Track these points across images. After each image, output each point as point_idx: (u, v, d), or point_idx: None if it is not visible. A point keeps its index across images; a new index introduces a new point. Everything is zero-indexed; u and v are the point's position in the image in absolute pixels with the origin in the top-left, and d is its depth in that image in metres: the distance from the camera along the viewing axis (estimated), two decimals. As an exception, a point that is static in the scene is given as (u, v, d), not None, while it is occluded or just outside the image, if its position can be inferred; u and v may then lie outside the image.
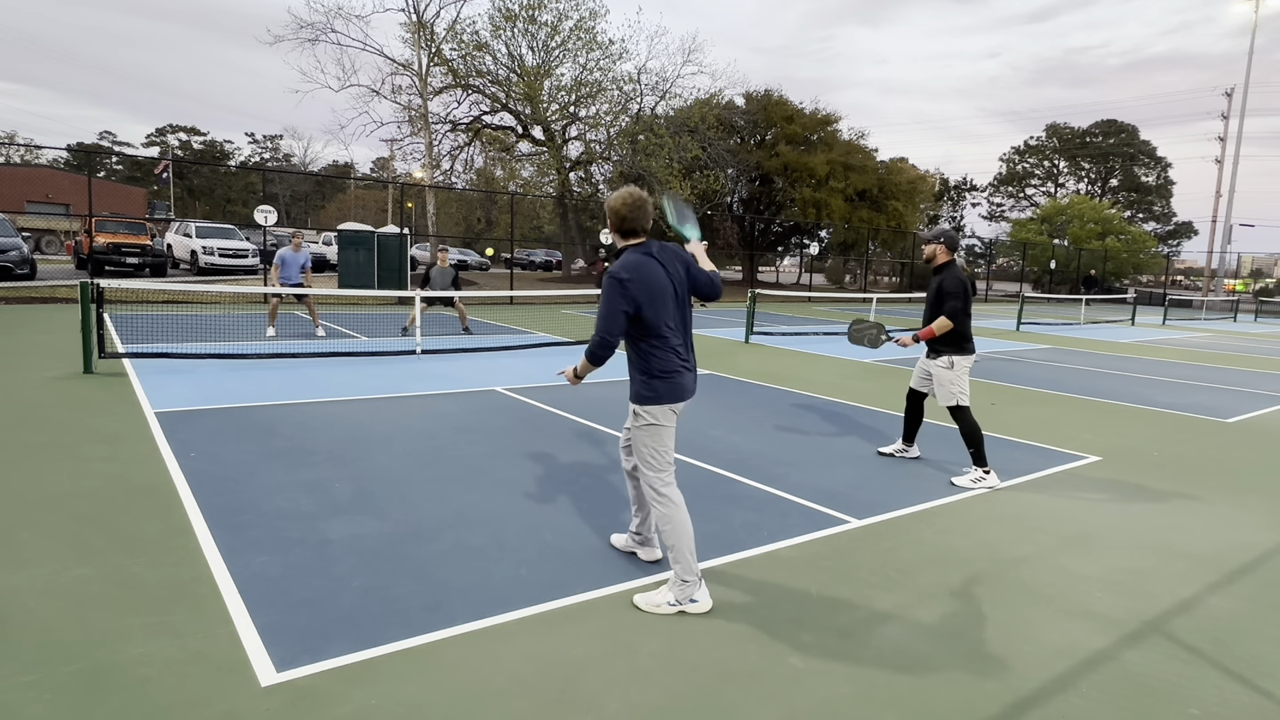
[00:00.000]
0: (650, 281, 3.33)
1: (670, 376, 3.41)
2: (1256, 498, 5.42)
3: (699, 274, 3.56)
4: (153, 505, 4.25)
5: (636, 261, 3.33)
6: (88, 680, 2.59)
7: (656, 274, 3.36)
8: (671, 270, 3.43)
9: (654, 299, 3.34)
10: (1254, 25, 39.15)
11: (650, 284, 3.33)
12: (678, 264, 3.48)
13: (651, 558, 3.79)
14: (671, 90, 30.48)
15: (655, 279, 3.35)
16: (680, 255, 3.52)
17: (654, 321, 3.35)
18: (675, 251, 3.52)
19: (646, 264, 3.35)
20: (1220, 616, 3.50)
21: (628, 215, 3.37)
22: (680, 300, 3.47)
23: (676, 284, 3.45)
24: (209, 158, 72.97)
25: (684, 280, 3.49)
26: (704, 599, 3.36)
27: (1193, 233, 60.65)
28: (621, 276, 3.27)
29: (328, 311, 16.01)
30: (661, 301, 3.37)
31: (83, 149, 60.20)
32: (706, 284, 3.57)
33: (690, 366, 3.50)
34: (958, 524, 4.56)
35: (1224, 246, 41.23)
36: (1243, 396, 10.06)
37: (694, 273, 3.55)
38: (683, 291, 3.48)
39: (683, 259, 3.52)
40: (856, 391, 9.08)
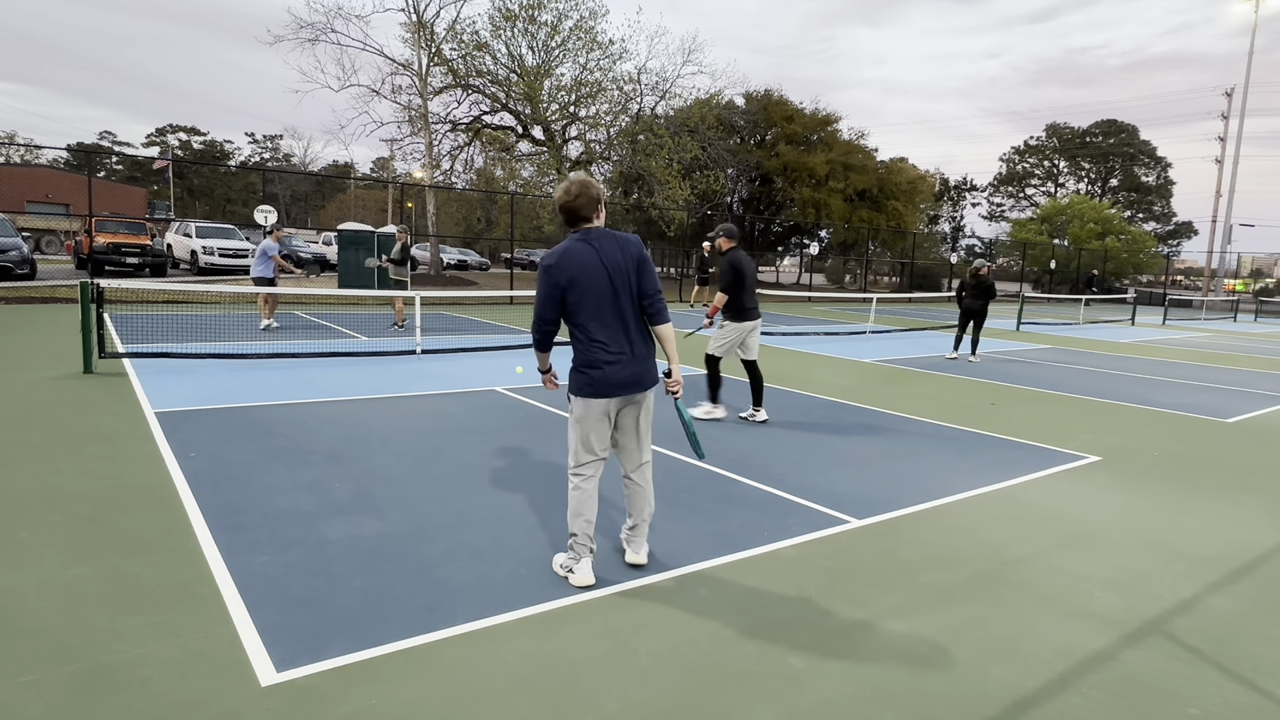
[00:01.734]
0: (576, 268, 3.25)
1: (590, 370, 3.33)
2: (1256, 498, 5.42)
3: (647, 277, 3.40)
4: (153, 505, 4.25)
5: (565, 247, 3.29)
6: (88, 680, 2.59)
7: (587, 260, 3.27)
8: (608, 258, 3.30)
9: (578, 286, 3.26)
10: (1254, 25, 39.17)
11: (576, 270, 3.25)
12: (620, 253, 3.33)
13: (634, 560, 3.70)
14: (671, 90, 30.46)
15: (584, 265, 3.26)
16: (628, 246, 3.38)
17: (576, 309, 3.29)
18: (622, 241, 3.37)
19: (577, 250, 3.28)
20: (1220, 616, 3.50)
21: (567, 204, 3.31)
22: (617, 290, 3.31)
23: (613, 272, 3.30)
24: (209, 158, 72.97)
25: (625, 270, 3.33)
26: (582, 572, 3.41)
27: (1193, 233, 60.66)
28: (545, 262, 3.28)
29: (328, 311, 16.01)
30: (588, 289, 3.27)
31: (83, 149, 60.20)
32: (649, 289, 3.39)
33: (623, 360, 3.34)
34: (958, 524, 4.56)
35: (1224, 246, 41.24)
36: (1243, 396, 10.06)
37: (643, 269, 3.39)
38: (621, 282, 3.32)
39: (631, 251, 3.37)
40: (856, 391, 9.07)
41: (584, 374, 3.35)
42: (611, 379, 3.33)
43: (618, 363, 3.34)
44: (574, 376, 3.40)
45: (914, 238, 41.25)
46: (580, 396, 3.38)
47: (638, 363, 3.39)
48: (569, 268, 3.26)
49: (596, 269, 3.28)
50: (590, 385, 3.34)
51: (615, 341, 3.33)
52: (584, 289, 3.27)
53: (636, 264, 3.37)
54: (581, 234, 3.32)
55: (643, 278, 3.39)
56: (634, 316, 3.39)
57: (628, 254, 3.35)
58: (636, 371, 3.38)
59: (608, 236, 3.35)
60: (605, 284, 3.29)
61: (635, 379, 3.38)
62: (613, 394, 3.35)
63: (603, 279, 3.29)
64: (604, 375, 3.32)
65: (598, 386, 3.33)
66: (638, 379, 3.40)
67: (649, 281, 3.41)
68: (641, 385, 3.42)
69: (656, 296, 3.41)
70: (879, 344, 14.62)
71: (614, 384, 3.34)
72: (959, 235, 60.63)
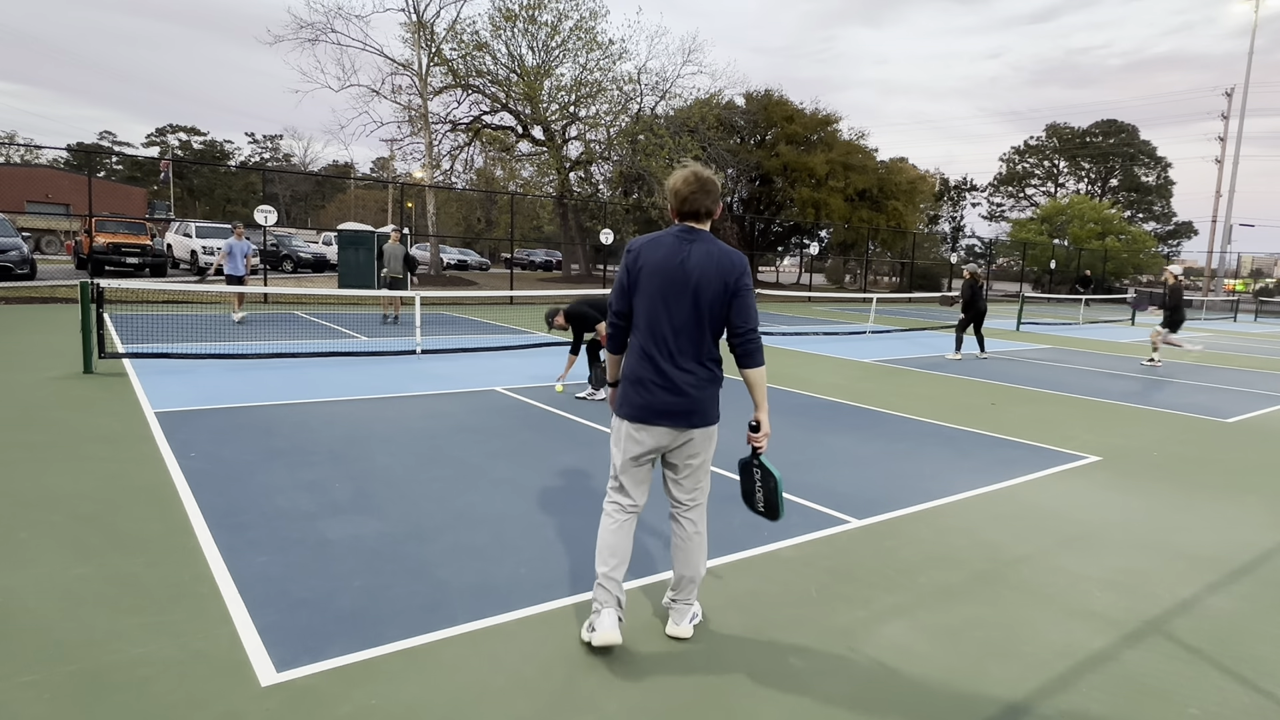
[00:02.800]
0: (655, 259, 2.86)
1: (632, 385, 2.91)
2: (1256, 498, 5.42)
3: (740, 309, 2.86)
4: (153, 505, 4.25)
5: (657, 236, 2.92)
6: (88, 680, 2.59)
7: (671, 256, 2.85)
8: (695, 264, 2.83)
9: (648, 280, 2.87)
10: (1254, 26, 39.18)
11: (654, 261, 2.86)
12: (714, 268, 2.83)
13: (674, 633, 3.10)
14: (671, 90, 30.50)
15: (664, 260, 2.85)
16: (727, 264, 2.85)
17: (638, 309, 2.91)
18: (722, 256, 2.86)
19: (667, 242, 2.88)
20: (1220, 616, 3.50)
21: (688, 196, 2.89)
22: (690, 302, 2.84)
23: (695, 284, 2.83)
24: (209, 158, 72.96)
25: (712, 289, 2.83)
26: (602, 628, 2.87)
27: (1193, 233, 60.69)
28: (630, 244, 2.95)
29: (328, 311, 16.01)
30: (658, 289, 2.86)
31: (83, 149, 60.20)
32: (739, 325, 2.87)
33: (669, 386, 2.86)
34: (958, 524, 4.56)
35: (1224, 246, 41.25)
36: (1243, 396, 10.06)
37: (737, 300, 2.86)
38: (702, 299, 2.83)
39: (730, 272, 2.84)
40: (856, 391, 9.07)
41: (628, 387, 2.94)
42: (650, 403, 2.89)
43: (662, 386, 2.88)
44: (621, 388, 2.99)
45: (914, 238, 41.25)
46: (617, 415, 3.00)
47: (686, 395, 2.89)
48: (648, 255, 2.88)
49: (676, 271, 2.84)
50: (625, 403, 2.94)
51: (666, 362, 2.87)
52: (653, 286, 2.87)
53: (732, 289, 2.85)
54: (682, 229, 2.91)
55: (735, 307, 2.87)
56: (702, 344, 2.89)
57: (723, 272, 2.84)
58: (683, 404, 2.89)
59: (709, 243, 2.89)
60: (679, 292, 2.84)
61: (682, 410, 2.89)
62: (648, 420, 2.90)
63: (678, 285, 2.84)
64: (641, 396, 2.89)
65: (632, 407, 2.91)
66: (684, 411, 2.89)
67: (743, 315, 2.87)
68: (688, 420, 2.91)
69: (750, 336, 2.88)
70: (879, 344, 14.62)
71: (651, 410, 2.89)
72: (959, 235, 60.64)
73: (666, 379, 2.87)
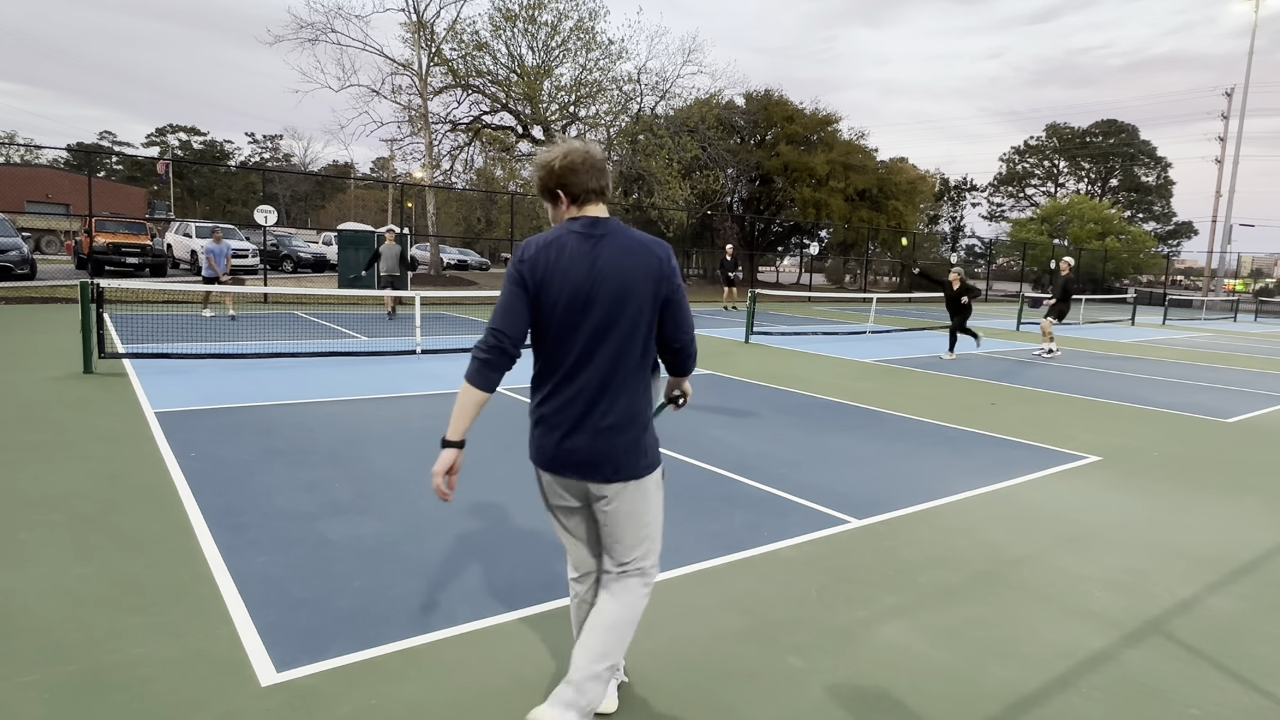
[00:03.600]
0: (554, 269, 2.17)
1: (538, 427, 2.28)
2: (1256, 498, 5.42)
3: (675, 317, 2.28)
4: (153, 505, 4.25)
5: (550, 237, 2.22)
6: (88, 680, 2.59)
7: (574, 263, 2.17)
8: (609, 266, 2.17)
9: (549, 296, 2.18)
10: (1254, 26, 39.17)
11: (552, 271, 2.17)
12: (635, 265, 2.19)
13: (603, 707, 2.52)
14: (671, 90, 30.49)
15: (566, 270, 2.17)
16: (649, 256, 2.21)
17: (543, 333, 2.23)
18: (640, 247, 2.21)
19: (568, 243, 2.19)
20: (1220, 616, 3.50)
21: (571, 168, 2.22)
22: (608, 317, 2.17)
23: (615, 287, 2.16)
24: (209, 158, 72.97)
25: (636, 292, 2.18)
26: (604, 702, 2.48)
27: (1193, 233, 60.66)
28: (520, 254, 2.23)
29: (328, 311, 16.01)
30: (563, 307, 2.17)
31: (83, 149, 60.21)
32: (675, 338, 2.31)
33: (581, 427, 2.20)
34: (958, 524, 4.56)
35: (1224, 246, 41.25)
36: (1243, 396, 10.06)
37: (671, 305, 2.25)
38: (623, 307, 2.17)
39: (653, 266, 2.21)
40: (856, 391, 9.07)
41: (533, 430, 2.31)
42: (563, 451, 2.23)
43: (575, 429, 2.21)
44: (531, 431, 2.35)
45: (914, 238, 41.25)
46: (533, 461, 2.34)
47: (608, 436, 2.21)
48: (544, 265, 2.18)
49: (586, 279, 2.16)
50: (537, 450, 2.29)
51: (580, 396, 2.21)
52: (556, 304, 2.18)
53: (664, 292, 2.23)
54: (583, 222, 2.22)
55: (669, 315, 2.27)
56: (627, 367, 2.21)
57: (651, 271, 2.20)
58: (604, 450, 2.22)
59: (621, 235, 2.21)
60: (591, 305, 2.17)
61: (600, 458, 2.22)
62: (559, 471, 2.27)
63: (590, 296, 2.16)
64: (554, 441, 2.24)
65: (544, 454, 2.27)
66: (606, 460, 2.22)
67: (678, 325, 2.29)
68: (613, 470, 2.23)
69: (688, 351, 2.35)
70: (879, 344, 14.62)
71: (565, 460, 2.24)
72: (959, 235, 60.63)
73: (579, 418, 2.21)
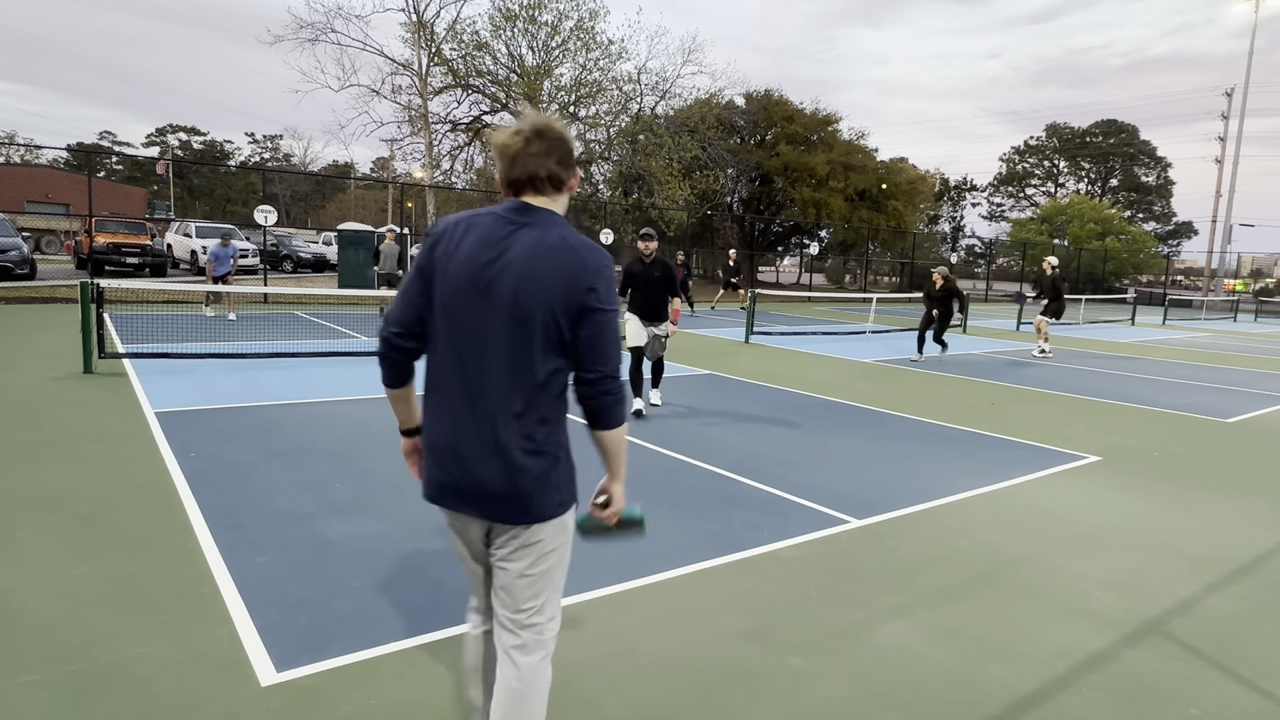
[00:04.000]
0: (462, 252, 1.82)
1: (428, 450, 1.93)
2: (1256, 498, 5.42)
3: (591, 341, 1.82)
4: (153, 505, 4.25)
5: (474, 216, 1.87)
6: (88, 680, 2.59)
7: (480, 248, 1.81)
8: (517, 260, 1.78)
9: (448, 284, 1.83)
10: (1254, 26, 39.18)
11: (459, 256, 1.82)
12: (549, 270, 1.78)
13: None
14: (671, 90, 30.49)
15: (472, 252, 1.81)
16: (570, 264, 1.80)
17: (435, 330, 1.87)
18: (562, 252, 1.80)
19: (483, 224, 1.84)
20: (1220, 616, 3.50)
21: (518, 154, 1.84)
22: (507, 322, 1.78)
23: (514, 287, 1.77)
24: (209, 158, 72.96)
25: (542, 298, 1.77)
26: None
27: (1193, 233, 60.65)
28: (434, 226, 1.94)
29: (328, 311, 16.01)
30: (457, 297, 1.82)
31: (83, 149, 60.19)
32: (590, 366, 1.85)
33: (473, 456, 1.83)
34: (958, 524, 4.56)
35: (1224, 246, 41.26)
36: (1243, 396, 10.06)
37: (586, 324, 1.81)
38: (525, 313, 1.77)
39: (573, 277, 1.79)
40: (856, 391, 9.07)
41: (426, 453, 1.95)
42: (446, 480, 1.88)
43: (464, 456, 1.84)
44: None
45: (914, 238, 41.26)
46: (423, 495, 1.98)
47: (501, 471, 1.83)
48: (444, 246, 1.85)
49: (484, 271, 1.80)
50: (427, 474, 1.94)
51: (469, 417, 1.84)
52: (453, 294, 1.83)
53: (577, 306, 1.79)
54: (510, 205, 1.86)
55: (583, 337, 1.82)
56: (528, 388, 1.82)
57: (566, 276, 1.78)
58: (497, 485, 1.83)
59: (548, 228, 1.82)
60: (488, 305, 1.79)
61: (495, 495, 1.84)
62: (449, 504, 1.91)
63: (487, 293, 1.80)
64: (437, 469, 1.90)
65: (429, 484, 1.93)
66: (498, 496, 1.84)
67: (594, 351, 1.83)
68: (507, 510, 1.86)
69: (607, 385, 1.87)
70: (879, 344, 14.62)
71: (449, 490, 1.88)
72: (959, 235, 60.64)
73: (470, 444, 1.83)
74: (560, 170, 1.87)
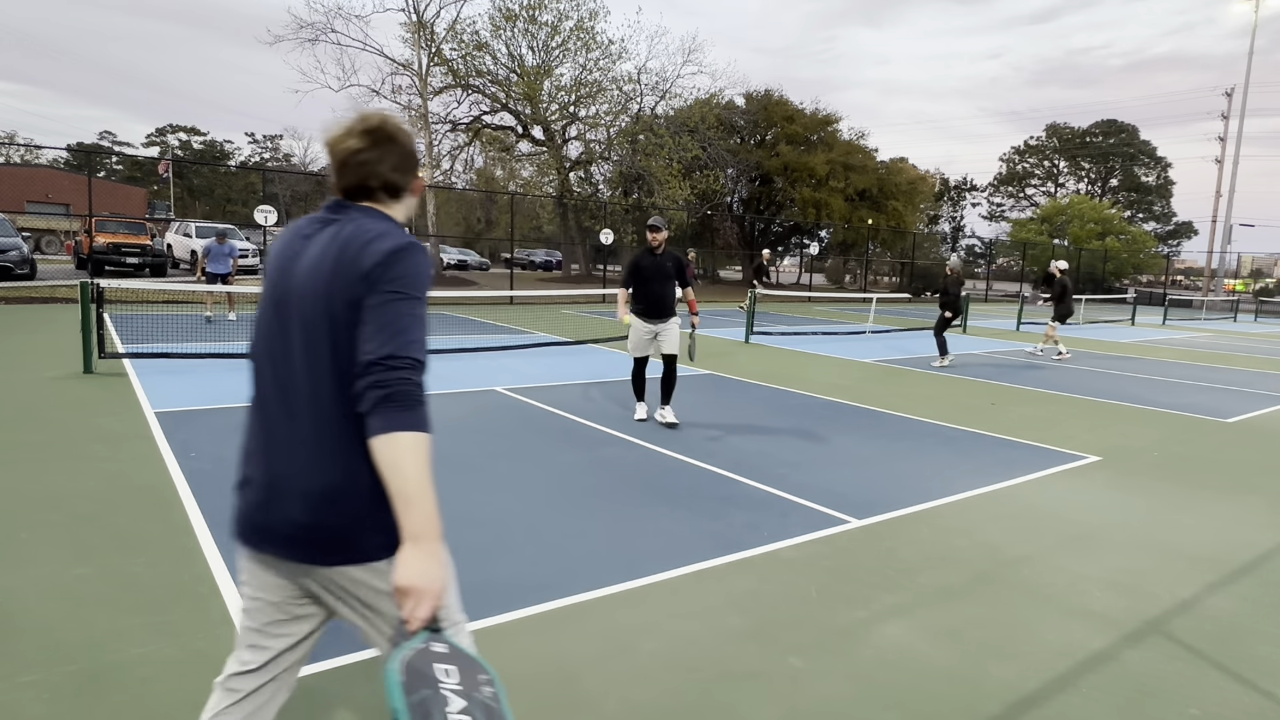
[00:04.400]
0: (271, 263, 1.66)
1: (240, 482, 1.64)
2: (1256, 498, 5.42)
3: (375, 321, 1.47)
4: (153, 505, 4.25)
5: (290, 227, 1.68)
6: (88, 680, 2.59)
7: (285, 251, 1.63)
8: (310, 260, 1.56)
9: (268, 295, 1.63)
10: (1254, 26, 39.19)
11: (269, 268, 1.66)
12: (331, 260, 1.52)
13: None
14: (671, 90, 30.51)
15: (278, 257, 1.64)
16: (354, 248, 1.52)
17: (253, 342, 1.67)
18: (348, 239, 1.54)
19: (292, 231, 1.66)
20: (1220, 616, 3.51)
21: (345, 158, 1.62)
22: (300, 329, 1.54)
23: (301, 288, 1.54)
24: (209, 158, 72.96)
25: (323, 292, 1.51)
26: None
27: (1193, 233, 60.65)
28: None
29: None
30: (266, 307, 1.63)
31: (83, 149, 60.17)
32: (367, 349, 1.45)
33: (272, 483, 1.56)
34: (958, 524, 4.56)
35: (1224, 246, 41.26)
36: (1243, 396, 10.06)
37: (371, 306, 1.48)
38: (313, 315, 1.52)
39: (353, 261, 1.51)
40: (856, 391, 9.07)
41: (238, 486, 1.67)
42: (245, 511, 1.62)
43: (264, 483, 1.58)
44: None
45: (914, 238, 41.26)
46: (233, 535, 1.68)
47: (302, 503, 1.53)
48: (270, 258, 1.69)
49: (284, 276, 1.60)
50: (234, 515, 1.66)
51: (268, 441, 1.59)
52: (263, 304, 1.65)
53: (352, 286, 1.50)
54: (329, 205, 1.66)
55: (365, 316, 1.48)
56: (327, 403, 1.52)
57: (343, 261, 1.51)
58: (297, 518, 1.54)
59: (352, 223, 1.58)
60: (287, 312, 1.57)
61: (296, 532, 1.55)
62: (253, 544, 1.62)
63: (286, 300, 1.58)
64: (242, 500, 1.64)
65: (238, 521, 1.64)
66: (299, 533, 1.55)
67: (375, 330, 1.46)
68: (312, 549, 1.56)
69: (386, 369, 1.43)
70: (879, 344, 14.62)
71: (247, 522, 1.62)
72: (959, 235, 60.64)
73: (270, 470, 1.58)
74: (397, 178, 1.65)
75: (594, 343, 12.62)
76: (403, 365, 1.44)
